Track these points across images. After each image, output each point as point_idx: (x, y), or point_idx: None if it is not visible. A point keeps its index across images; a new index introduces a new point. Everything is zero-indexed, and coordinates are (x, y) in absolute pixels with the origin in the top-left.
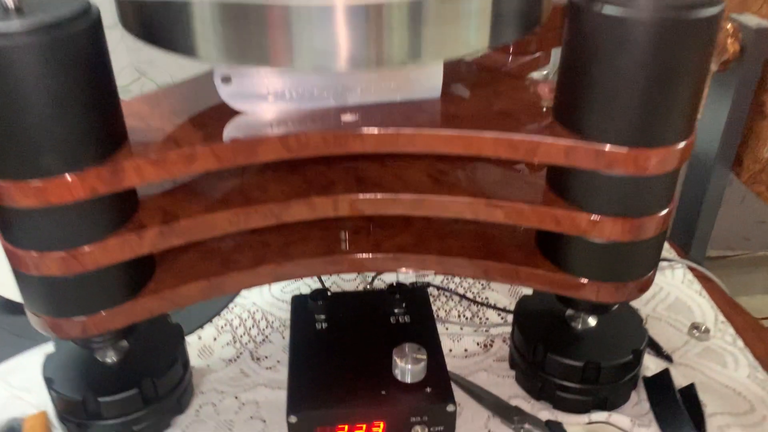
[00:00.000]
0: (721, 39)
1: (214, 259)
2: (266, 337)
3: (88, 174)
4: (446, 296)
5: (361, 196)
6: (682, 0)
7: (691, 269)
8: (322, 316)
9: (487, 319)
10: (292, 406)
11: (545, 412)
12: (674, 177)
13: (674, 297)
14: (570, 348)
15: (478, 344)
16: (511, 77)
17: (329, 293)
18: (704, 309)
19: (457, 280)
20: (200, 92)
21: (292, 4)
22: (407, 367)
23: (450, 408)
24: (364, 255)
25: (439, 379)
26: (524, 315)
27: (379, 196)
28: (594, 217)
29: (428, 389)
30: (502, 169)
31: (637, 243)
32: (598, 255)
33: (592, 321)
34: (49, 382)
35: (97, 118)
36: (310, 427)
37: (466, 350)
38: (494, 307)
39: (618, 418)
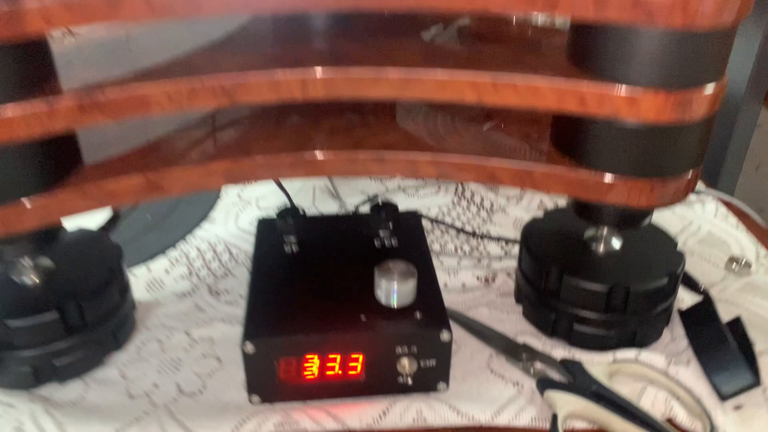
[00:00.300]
0: None
1: (155, 152)
2: (229, 271)
3: None
4: (441, 230)
5: (337, 72)
6: None
7: (725, 203)
8: (292, 238)
9: (488, 253)
10: (249, 332)
11: (559, 351)
12: (729, 38)
13: (706, 231)
14: (591, 270)
15: (478, 278)
16: None
17: (302, 212)
18: (743, 243)
19: (453, 214)
20: None
21: None
22: (393, 287)
23: (444, 336)
24: (341, 153)
25: (431, 304)
26: (534, 237)
27: (360, 72)
28: (629, 90)
29: (418, 315)
30: (510, 45)
31: (680, 128)
32: (631, 144)
33: (616, 242)
34: None
35: None
36: (270, 358)
37: (463, 285)
38: (498, 239)
39: (649, 356)
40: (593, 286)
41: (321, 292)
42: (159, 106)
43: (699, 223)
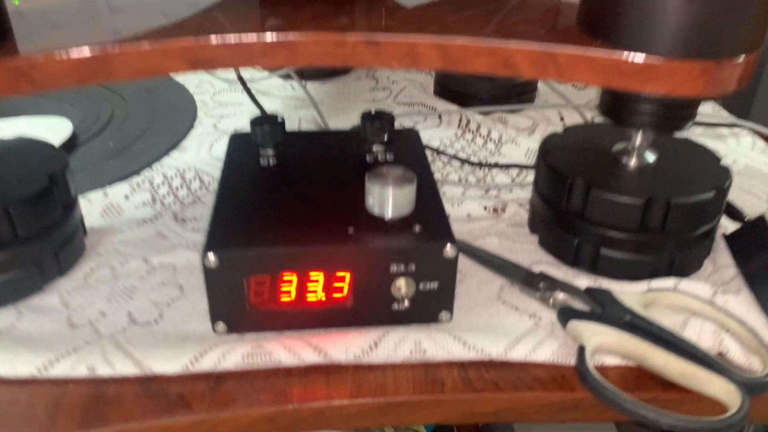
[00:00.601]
0: None
1: (101, 25)
2: (198, 198)
3: None
4: (443, 161)
5: None
6: None
7: (762, 136)
8: (270, 151)
9: (497, 184)
10: (213, 242)
11: (584, 281)
12: None
13: (743, 164)
14: (623, 184)
15: (485, 208)
16: None
17: (281, 120)
18: None
19: (456, 146)
20: None
21: None
22: (387, 194)
23: (449, 252)
24: (325, 36)
25: (432, 215)
26: (554, 151)
27: None
28: None
29: (417, 227)
30: None
31: None
32: (678, 13)
33: (650, 156)
34: None
35: None
36: (238, 275)
37: (468, 215)
38: (507, 165)
39: (691, 284)
40: (627, 200)
41: (301, 205)
42: None
43: (734, 157)
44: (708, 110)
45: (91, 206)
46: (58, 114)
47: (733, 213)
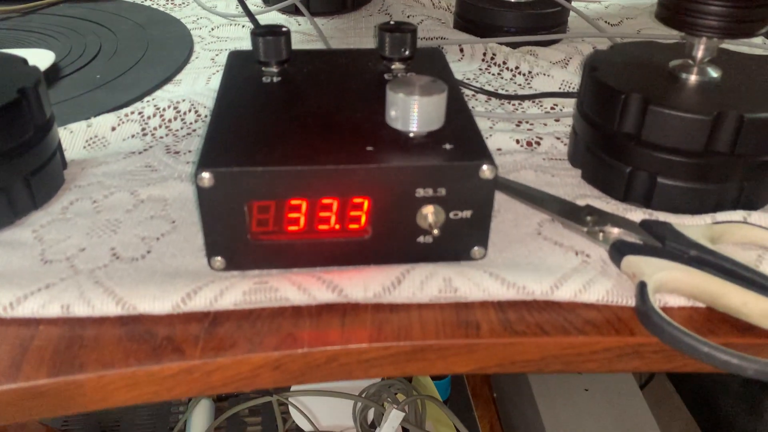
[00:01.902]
0: None
1: None
2: (193, 131)
3: None
4: (467, 95)
5: None
6: None
7: None
8: (273, 69)
9: (529, 116)
10: (207, 160)
11: (637, 215)
12: None
13: None
14: (686, 99)
15: (518, 142)
16: None
17: (286, 30)
18: None
19: (482, 79)
20: None
21: None
22: (412, 103)
23: (486, 172)
24: None
25: (464, 132)
26: (603, 66)
27: None
28: None
29: (447, 145)
30: None
31: None
32: None
33: (713, 72)
34: None
35: None
36: (238, 200)
37: (499, 149)
38: (542, 95)
39: (763, 217)
40: (693, 117)
41: (312, 122)
42: None
43: None
44: None
45: (73, 137)
46: (42, 48)
47: None
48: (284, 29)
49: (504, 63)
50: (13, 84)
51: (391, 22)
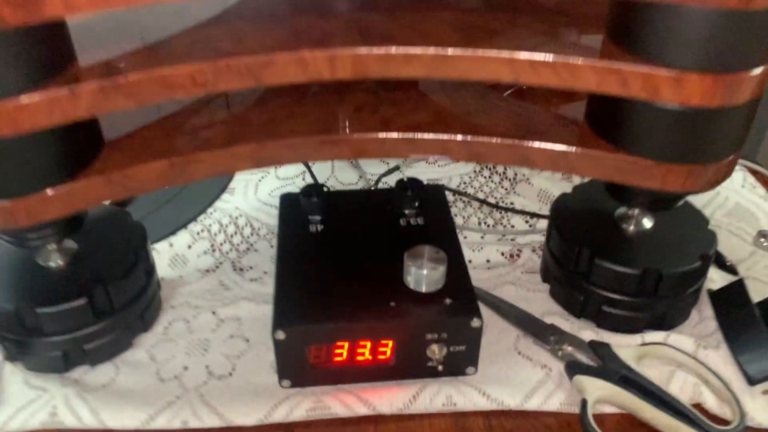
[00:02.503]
0: None
1: (179, 135)
2: (251, 245)
3: None
4: (464, 201)
5: (367, 50)
6: None
7: (752, 172)
8: (317, 217)
9: (512, 226)
10: (280, 320)
11: (588, 332)
12: None
13: (734, 202)
14: (623, 253)
15: (502, 254)
16: None
17: (326, 189)
18: None
19: (475, 184)
20: None
21: None
22: (422, 273)
23: (475, 323)
24: (369, 135)
25: (460, 289)
26: (564, 215)
27: (391, 50)
28: (675, 72)
29: (448, 300)
30: (546, 17)
31: (722, 111)
32: (671, 128)
33: (647, 222)
34: None
35: None
36: (301, 344)
37: (488, 261)
38: (522, 212)
39: (678, 338)
40: (625, 270)
41: (349, 276)
42: (183, 89)
43: (726, 194)
44: None
45: (160, 257)
46: None
47: (719, 261)
48: (325, 189)
49: (494, 166)
50: (126, 243)
51: (404, 178)
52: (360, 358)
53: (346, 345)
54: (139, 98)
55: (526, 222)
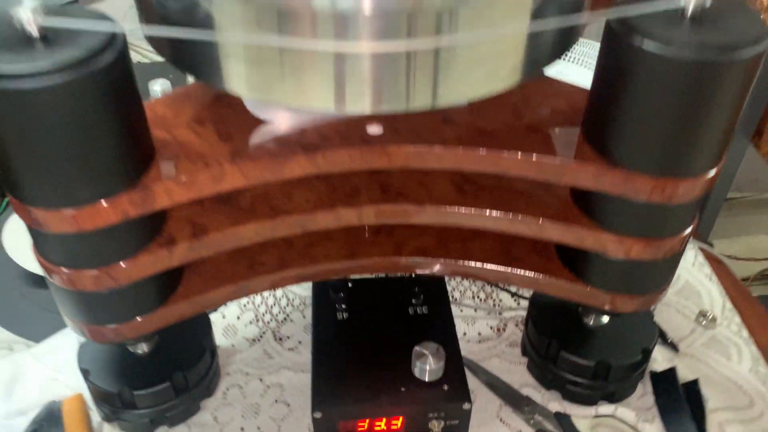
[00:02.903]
0: None
1: (241, 261)
2: (287, 315)
3: (119, 200)
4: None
5: (385, 207)
6: (725, 38)
7: (702, 251)
8: (344, 306)
9: (500, 301)
10: (317, 403)
11: (554, 403)
12: (696, 203)
13: (684, 281)
14: (582, 346)
15: (491, 328)
16: (542, 78)
17: (350, 284)
18: (713, 295)
19: None
20: (222, 94)
21: (318, 49)
22: (426, 368)
23: (466, 406)
24: (386, 259)
25: (455, 378)
26: (538, 308)
27: (404, 207)
28: (617, 237)
29: (445, 387)
30: (524, 184)
31: (654, 262)
32: (618, 269)
33: (604, 318)
34: (85, 373)
35: (126, 144)
36: (333, 421)
37: (479, 334)
38: (509, 291)
39: (624, 412)
40: (583, 362)
41: (369, 363)
42: (248, 240)
43: (679, 272)
44: None
45: (215, 327)
46: None
47: (663, 337)
48: (350, 284)
49: None
50: (195, 330)
51: (413, 275)
52: (377, 428)
53: (368, 421)
54: (216, 249)
55: (513, 298)
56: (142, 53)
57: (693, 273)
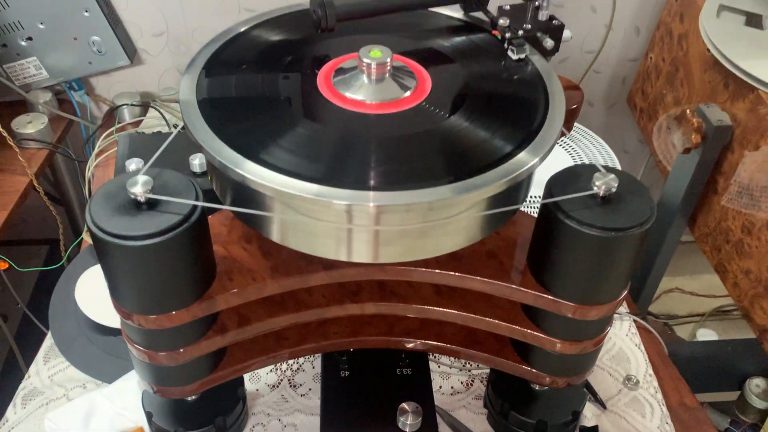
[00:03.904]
0: (687, 131)
1: (270, 336)
2: (300, 365)
3: (192, 308)
4: None
5: (381, 304)
6: (623, 221)
7: (635, 322)
8: (346, 365)
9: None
10: None
11: None
12: (610, 317)
13: (618, 348)
14: (527, 407)
15: (462, 383)
16: None
17: (351, 349)
18: (639, 361)
19: None
20: None
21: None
22: (407, 422)
23: None
24: (381, 338)
25: (430, 429)
26: (497, 373)
27: (396, 306)
28: (550, 338)
29: None
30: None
31: (580, 354)
32: (554, 358)
33: None
34: (148, 414)
35: (200, 272)
36: None
37: (452, 387)
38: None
39: None
40: (527, 420)
41: (365, 413)
42: (280, 325)
43: (615, 340)
44: None
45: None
46: None
47: (594, 396)
48: (351, 349)
49: None
50: (233, 386)
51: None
52: None
53: None
54: (255, 333)
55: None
56: (177, 116)
57: (626, 341)
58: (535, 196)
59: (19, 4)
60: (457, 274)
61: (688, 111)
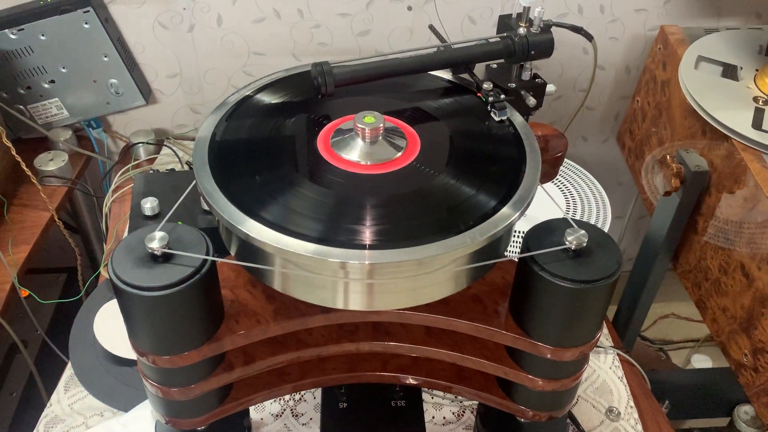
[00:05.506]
0: (668, 175)
1: (273, 372)
2: (302, 396)
3: (202, 349)
4: None
5: (375, 343)
6: (592, 273)
7: (619, 356)
8: (344, 397)
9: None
10: None
11: None
12: (586, 357)
13: (602, 380)
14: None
15: (453, 413)
16: None
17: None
18: (621, 393)
19: None
20: None
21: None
22: None
23: None
24: (376, 373)
25: None
26: (485, 407)
27: (388, 344)
28: (530, 376)
29: None
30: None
31: (559, 391)
32: (535, 394)
33: None
34: None
35: (210, 317)
36: None
37: (444, 418)
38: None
39: None
40: None
41: None
42: (281, 363)
43: (599, 372)
44: None
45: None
46: None
47: (577, 427)
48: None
49: None
50: (239, 416)
51: (398, 388)
52: None
53: None
54: (260, 370)
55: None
56: (189, 153)
57: (609, 374)
58: (520, 231)
59: (43, 51)
60: (444, 317)
61: (668, 156)
